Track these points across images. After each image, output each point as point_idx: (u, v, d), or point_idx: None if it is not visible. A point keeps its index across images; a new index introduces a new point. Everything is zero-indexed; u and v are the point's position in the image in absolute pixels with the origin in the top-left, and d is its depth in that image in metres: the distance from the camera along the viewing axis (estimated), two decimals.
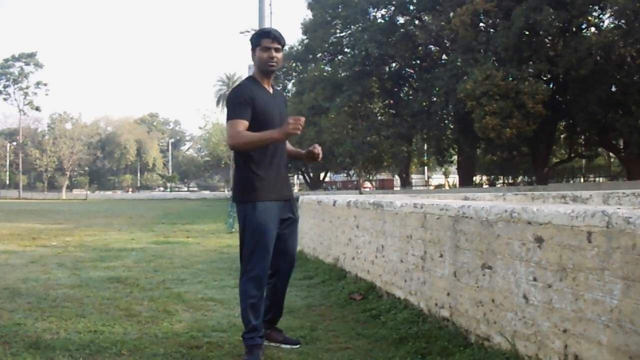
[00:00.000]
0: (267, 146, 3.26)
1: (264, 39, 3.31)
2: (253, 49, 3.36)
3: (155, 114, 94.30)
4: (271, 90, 3.43)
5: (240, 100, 3.25)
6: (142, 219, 18.19)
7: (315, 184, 50.84)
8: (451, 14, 26.77)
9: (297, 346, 3.44)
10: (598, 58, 21.96)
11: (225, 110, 3.35)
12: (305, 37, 37.46)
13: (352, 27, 33.75)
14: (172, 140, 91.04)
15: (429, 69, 31.07)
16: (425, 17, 31.57)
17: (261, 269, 3.25)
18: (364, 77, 32.29)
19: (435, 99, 28.78)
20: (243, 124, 3.21)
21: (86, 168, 76.42)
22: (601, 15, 24.72)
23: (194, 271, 6.52)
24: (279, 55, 3.34)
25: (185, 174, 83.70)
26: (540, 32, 23.30)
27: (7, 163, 71.88)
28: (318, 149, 3.47)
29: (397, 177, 48.00)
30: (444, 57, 31.75)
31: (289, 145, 3.57)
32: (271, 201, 3.29)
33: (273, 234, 3.29)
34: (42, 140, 72.05)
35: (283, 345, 3.42)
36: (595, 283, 2.39)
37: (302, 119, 3.17)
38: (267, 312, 3.48)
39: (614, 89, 23.33)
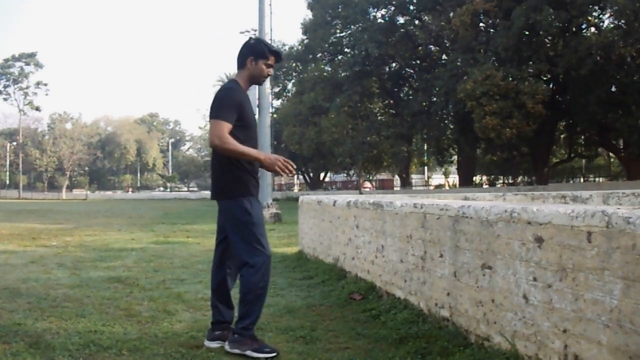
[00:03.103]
0: (254, 147, 3.41)
1: (273, 57, 3.46)
2: (255, 59, 3.40)
3: (155, 114, 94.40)
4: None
5: (230, 103, 3.33)
6: (142, 219, 18.18)
7: (315, 184, 50.86)
8: (451, 14, 26.78)
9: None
10: (598, 58, 21.98)
11: (211, 106, 3.34)
12: (305, 37, 37.49)
13: (352, 27, 33.76)
14: (172, 140, 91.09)
15: (429, 69, 31.08)
16: (425, 17, 31.59)
17: (266, 259, 3.33)
18: (364, 77, 32.30)
19: (435, 99, 28.79)
20: (228, 127, 3.28)
21: (86, 168, 76.47)
22: (601, 15, 24.76)
23: (194, 271, 6.51)
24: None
25: (185, 174, 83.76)
26: (540, 32, 23.33)
27: (7, 163, 71.90)
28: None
29: (397, 177, 48.01)
30: (444, 57, 31.76)
31: None
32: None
33: None
34: (42, 140, 72.10)
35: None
36: (595, 283, 2.39)
37: (293, 166, 3.44)
38: (222, 314, 3.48)
39: (614, 89, 23.35)
